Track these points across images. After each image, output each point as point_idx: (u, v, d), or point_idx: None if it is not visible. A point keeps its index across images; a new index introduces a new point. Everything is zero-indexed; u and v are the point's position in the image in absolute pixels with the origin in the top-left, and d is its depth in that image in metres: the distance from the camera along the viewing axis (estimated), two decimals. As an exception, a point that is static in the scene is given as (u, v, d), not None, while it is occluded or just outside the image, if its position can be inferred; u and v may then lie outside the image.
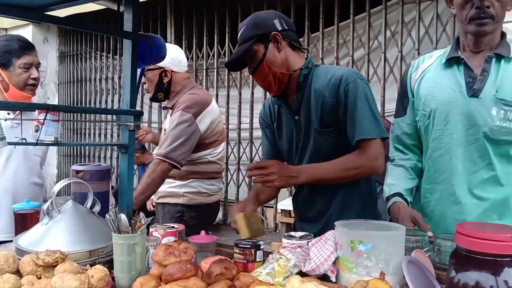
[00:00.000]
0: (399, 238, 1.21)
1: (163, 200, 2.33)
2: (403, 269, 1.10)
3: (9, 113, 2.03)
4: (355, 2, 4.84)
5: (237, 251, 1.34)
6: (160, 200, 2.35)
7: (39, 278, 1.18)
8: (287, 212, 4.90)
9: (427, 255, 1.26)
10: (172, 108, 2.28)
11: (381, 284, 1.03)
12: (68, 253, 1.23)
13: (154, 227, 1.53)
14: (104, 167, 1.74)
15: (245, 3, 5.54)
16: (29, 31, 7.19)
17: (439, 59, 1.60)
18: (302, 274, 1.21)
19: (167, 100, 2.36)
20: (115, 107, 6.45)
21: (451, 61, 1.56)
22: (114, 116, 1.59)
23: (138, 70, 1.56)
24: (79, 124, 7.48)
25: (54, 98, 7.81)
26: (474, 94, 1.48)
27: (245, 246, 1.34)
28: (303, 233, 1.42)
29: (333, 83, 1.57)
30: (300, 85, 1.65)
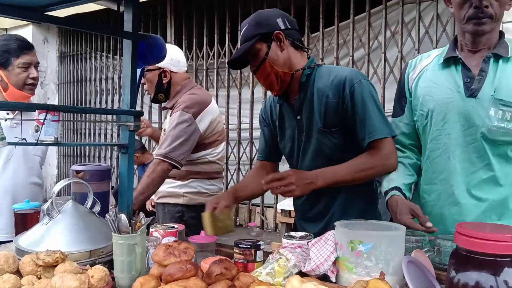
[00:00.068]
0: (399, 238, 1.21)
1: (163, 200, 2.33)
2: (403, 269, 1.10)
3: (8, 113, 2.03)
4: (355, 2, 4.84)
5: (237, 251, 1.34)
6: (160, 200, 2.35)
7: (39, 278, 1.18)
8: (287, 212, 4.90)
9: (427, 255, 1.26)
10: (172, 108, 2.28)
11: (381, 284, 1.03)
12: (68, 253, 1.23)
13: (154, 227, 1.54)
14: (104, 167, 1.74)
15: (245, 3, 5.55)
16: (29, 31, 7.19)
17: (437, 59, 1.59)
18: (302, 274, 1.21)
19: (167, 101, 2.36)
20: (115, 107, 6.45)
21: (449, 61, 1.55)
22: (114, 116, 1.59)
23: (138, 70, 1.56)
24: (79, 124, 7.48)
25: (54, 98, 7.81)
26: (472, 94, 1.46)
27: (245, 246, 1.34)
28: (303, 233, 1.42)
29: (337, 84, 1.56)
30: (303, 85, 1.63)
